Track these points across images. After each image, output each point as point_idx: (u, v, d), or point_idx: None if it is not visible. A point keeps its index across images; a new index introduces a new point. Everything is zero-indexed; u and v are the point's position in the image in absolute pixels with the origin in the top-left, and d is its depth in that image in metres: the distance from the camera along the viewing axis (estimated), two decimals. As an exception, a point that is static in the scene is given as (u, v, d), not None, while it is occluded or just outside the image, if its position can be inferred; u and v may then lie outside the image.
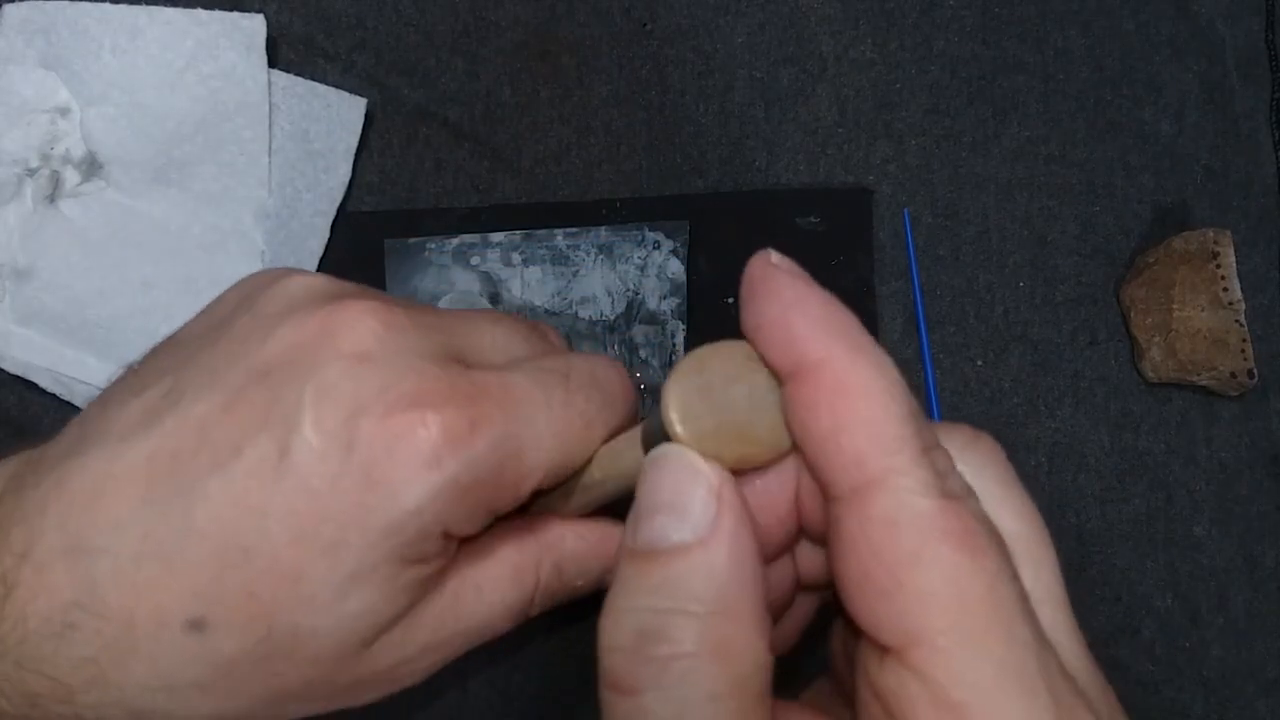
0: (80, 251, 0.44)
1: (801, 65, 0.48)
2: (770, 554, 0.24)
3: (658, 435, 0.23)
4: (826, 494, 0.21)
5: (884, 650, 0.19)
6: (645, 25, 0.48)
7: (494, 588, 0.28)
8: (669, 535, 0.21)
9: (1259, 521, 0.46)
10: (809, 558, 0.25)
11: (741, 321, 0.22)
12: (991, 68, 0.49)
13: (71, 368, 0.43)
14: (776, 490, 0.23)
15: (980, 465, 0.22)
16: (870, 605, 0.19)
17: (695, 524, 0.21)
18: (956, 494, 0.20)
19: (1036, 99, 0.49)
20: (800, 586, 0.26)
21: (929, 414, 0.46)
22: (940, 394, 0.46)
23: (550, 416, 0.25)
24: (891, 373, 0.21)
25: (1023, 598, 0.20)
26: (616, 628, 0.21)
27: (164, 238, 0.44)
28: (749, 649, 0.20)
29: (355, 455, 0.23)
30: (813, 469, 0.21)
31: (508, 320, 0.29)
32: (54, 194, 0.44)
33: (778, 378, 0.22)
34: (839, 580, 0.20)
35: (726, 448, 0.22)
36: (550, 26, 0.48)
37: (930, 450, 0.20)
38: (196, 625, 0.24)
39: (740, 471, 0.22)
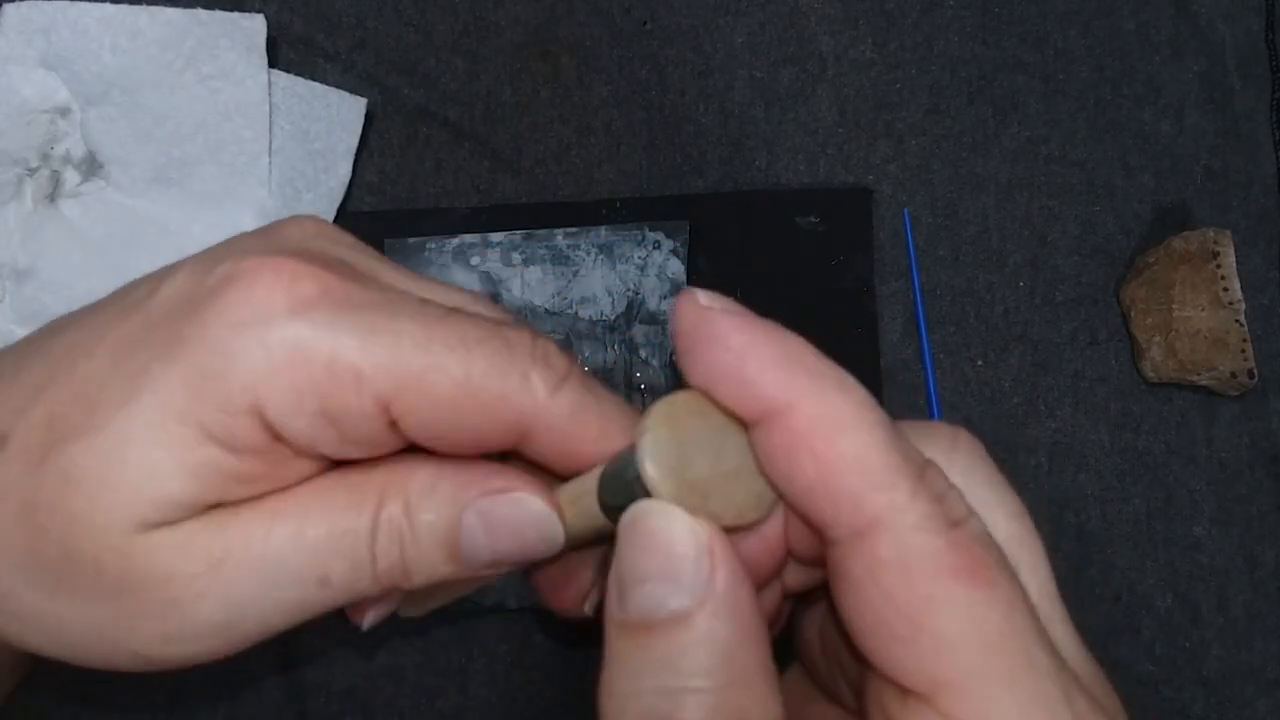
0: (80, 251, 0.44)
1: (801, 65, 0.48)
2: (763, 581, 0.23)
3: (628, 489, 0.21)
4: (823, 537, 0.20)
5: (904, 690, 0.19)
6: (645, 24, 0.48)
7: (322, 509, 0.22)
8: (664, 603, 0.19)
9: (1259, 521, 0.46)
10: (790, 571, 0.24)
11: (688, 376, 0.20)
12: (991, 68, 0.49)
13: (71, 368, 0.43)
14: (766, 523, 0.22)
15: (966, 468, 0.21)
16: (888, 650, 0.19)
17: (690, 587, 0.19)
18: (959, 519, 0.19)
19: (1036, 99, 0.49)
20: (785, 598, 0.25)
21: (929, 414, 0.46)
22: (940, 394, 0.46)
23: (411, 330, 0.21)
24: (862, 396, 0.19)
25: (1036, 620, 0.19)
26: (621, 714, 0.19)
27: (164, 238, 0.44)
28: (765, 714, 0.19)
29: (199, 290, 0.22)
30: (803, 515, 0.20)
31: (460, 290, 0.26)
32: (54, 194, 0.44)
33: (743, 426, 0.20)
34: (850, 624, 0.19)
35: (715, 508, 0.20)
36: (550, 26, 0.48)
37: (924, 473, 0.19)
38: (1, 441, 0.22)
39: (734, 531, 0.21)
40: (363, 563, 0.22)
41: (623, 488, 0.21)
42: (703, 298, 0.20)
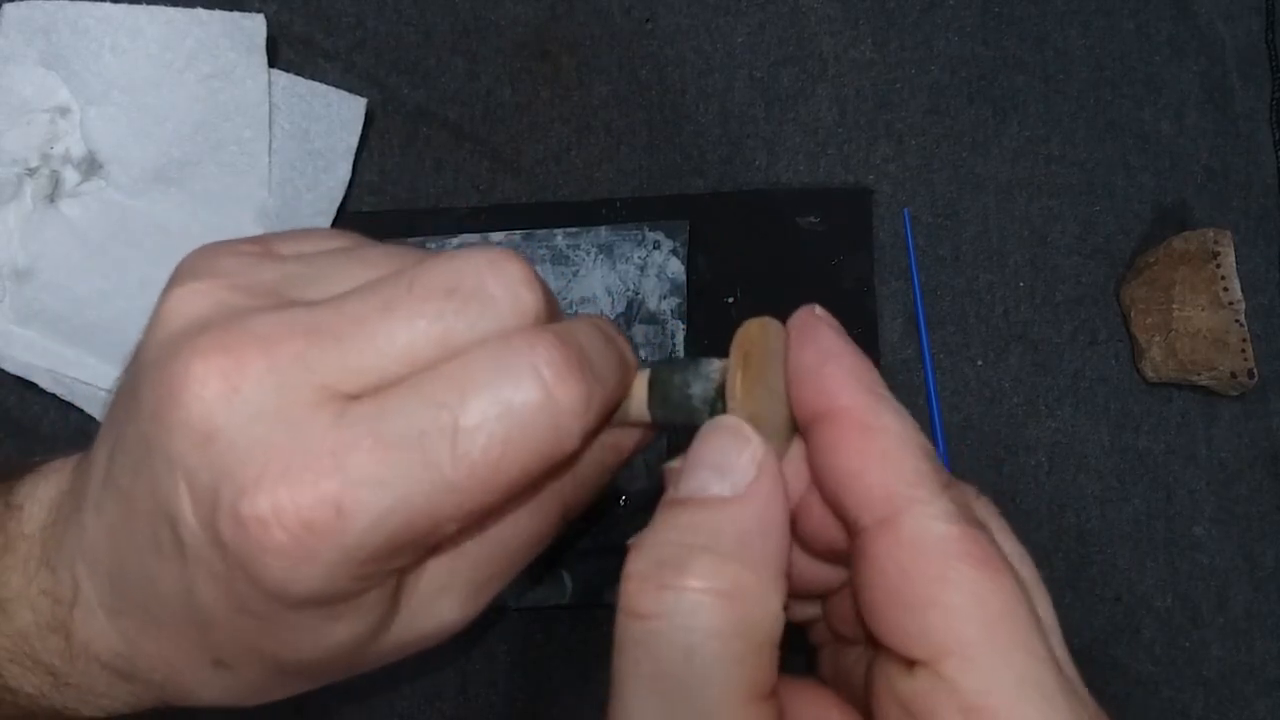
0: (80, 251, 0.44)
1: (801, 65, 0.48)
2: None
3: (687, 411, 0.24)
4: (852, 528, 0.22)
5: (911, 663, 0.21)
6: (646, 22, 0.48)
7: (517, 515, 0.26)
8: (708, 487, 0.22)
9: (1259, 521, 0.46)
10: (808, 567, 0.26)
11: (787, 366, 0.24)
12: (991, 68, 0.49)
13: (71, 368, 0.43)
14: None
15: (985, 517, 0.24)
16: (901, 621, 0.21)
17: (734, 481, 0.22)
18: (975, 523, 0.22)
19: (1036, 99, 0.49)
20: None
21: (929, 414, 0.46)
22: (940, 394, 0.46)
23: (435, 479, 0.22)
24: (909, 420, 0.23)
25: (1037, 619, 0.21)
26: (640, 558, 0.22)
27: (164, 238, 0.44)
28: (760, 598, 0.21)
29: (229, 553, 0.22)
30: (837, 503, 0.23)
31: (411, 304, 0.23)
32: (54, 194, 0.44)
33: (799, 418, 0.24)
34: (866, 604, 0.22)
35: (770, 431, 0.24)
36: (550, 26, 0.48)
37: (949, 486, 0.22)
38: (220, 664, 0.25)
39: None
40: (556, 519, 0.27)
41: (681, 410, 0.25)
42: (818, 310, 0.25)
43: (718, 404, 0.24)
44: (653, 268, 0.45)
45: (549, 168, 0.47)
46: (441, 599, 0.26)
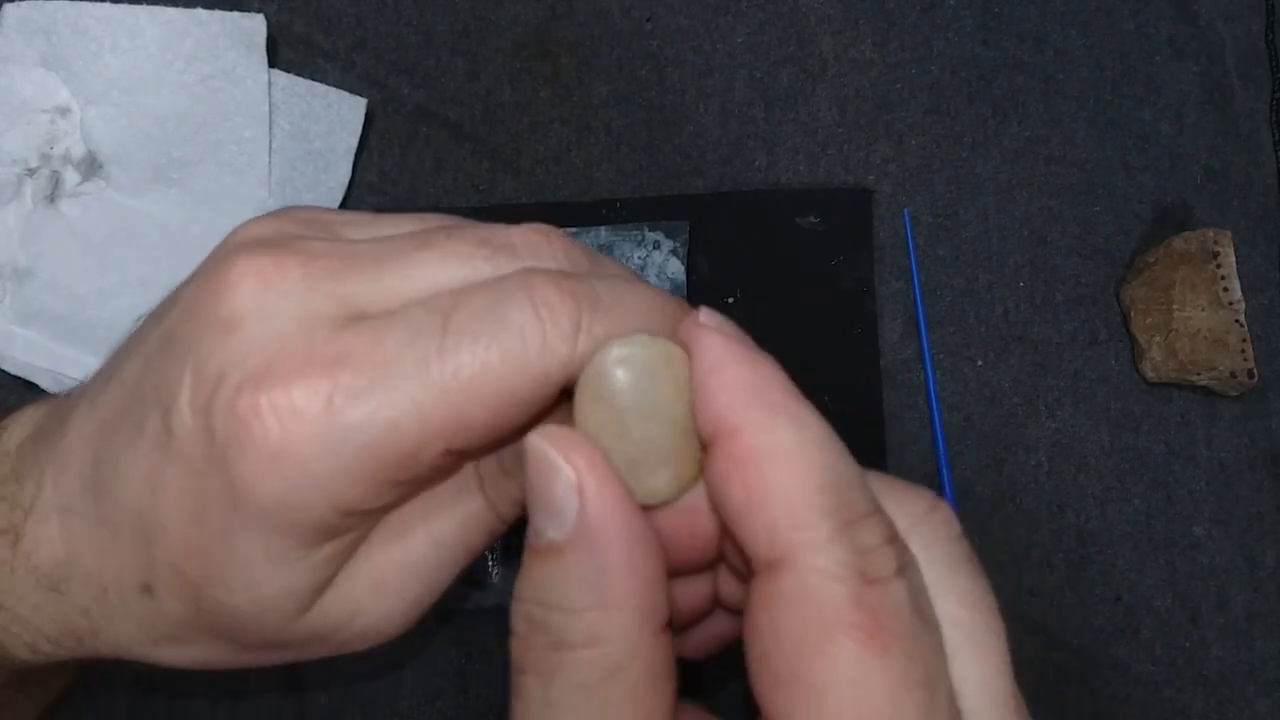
0: (80, 251, 0.44)
1: (801, 65, 0.48)
2: (687, 570, 0.24)
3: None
4: (748, 567, 0.20)
5: None
6: (646, 22, 0.48)
7: (438, 507, 0.26)
8: (544, 532, 0.20)
9: (1259, 521, 0.46)
10: (730, 583, 0.25)
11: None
12: (991, 68, 0.49)
13: (72, 368, 0.43)
14: (702, 513, 0.23)
15: (929, 542, 0.21)
16: (767, 690, 0.18)
17: (563, 521, 0.20)
18: (878, 576, 0.18)
19: (1036, 99, 0.49)
20: (720, 605, 0.26)
21: (929, 414, 0.46)
22: (940, 394, 0.46)
23: (423, 379, 0.22)
24: (817, 436, 0.19)
25: (933, 707, 0.18)
26: (515, 616, 0.21)
27: (164, 238, 0.44)
28: (623, 640, 0.20)
29: (215, 442, 0.22)
30: (735, 540, 0.20)
31: (447, 245, 0.24)
32: (54, 194, 0.44)
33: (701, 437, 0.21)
34: (745, 654, 0.19)
35: (646, 474, 0.22)
36: (550, 26, 0.48)
37: (855, 523, 0.19)
38: (147, 590, 0.24)
39: (656, 506, 0.22)
40: (490, 523, 0.26)
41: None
42: (703, 316, 0.21)
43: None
44: (653, 268, 0.45)
45: (549, 168, 0.47)
46: (361, 580, 0.25)
